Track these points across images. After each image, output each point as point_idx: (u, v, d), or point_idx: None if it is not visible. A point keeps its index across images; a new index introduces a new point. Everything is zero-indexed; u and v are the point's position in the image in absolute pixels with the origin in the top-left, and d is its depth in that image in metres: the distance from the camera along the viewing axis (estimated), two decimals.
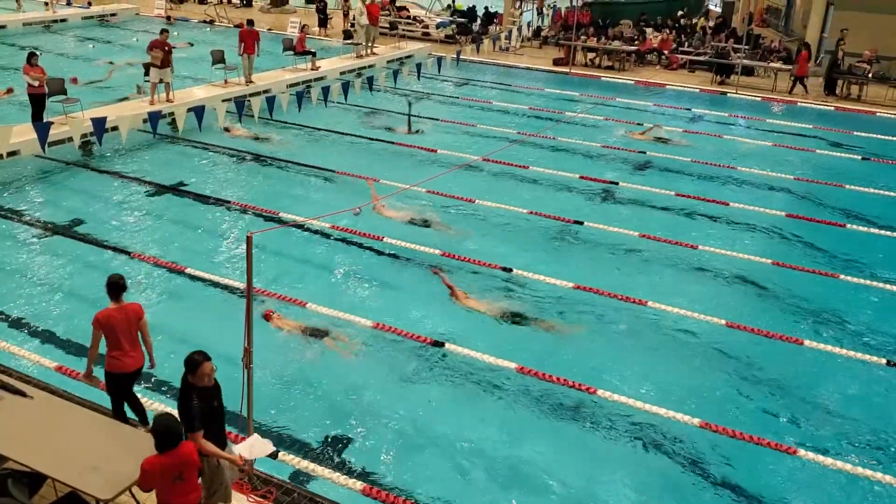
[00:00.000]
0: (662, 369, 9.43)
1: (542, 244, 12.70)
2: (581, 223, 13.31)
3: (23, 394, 6.85)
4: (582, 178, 15.55)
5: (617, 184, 15.32)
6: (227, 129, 17.05)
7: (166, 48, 17.72)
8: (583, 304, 10.75)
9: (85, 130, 15.17)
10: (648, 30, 27.73)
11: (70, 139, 15.19)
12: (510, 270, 11.49)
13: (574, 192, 15.03)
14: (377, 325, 9.88)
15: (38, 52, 16.65)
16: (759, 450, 7.97)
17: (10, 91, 19.33)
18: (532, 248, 12.54)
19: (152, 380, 8.63)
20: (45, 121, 15.15)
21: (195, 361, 6.02)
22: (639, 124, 19.40)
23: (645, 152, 17.42)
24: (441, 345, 9.55)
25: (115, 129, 15.44)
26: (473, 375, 9.08)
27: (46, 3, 32.02)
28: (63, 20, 30.22)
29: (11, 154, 14.86)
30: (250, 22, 20.63)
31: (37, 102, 15.80)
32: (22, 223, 12.59)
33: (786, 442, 8.08)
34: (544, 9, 32.32)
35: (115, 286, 7.01)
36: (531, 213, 13.64)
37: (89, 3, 32.65)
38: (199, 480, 5.90)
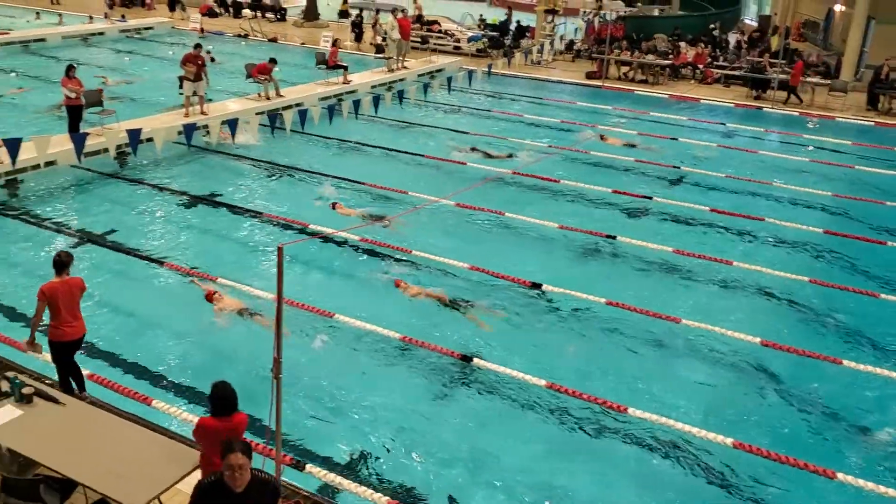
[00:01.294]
0: (695, 387, 9.27)
1: (573, 259, 12.58)
2: (613, 238, 13.17)
3: (56, 400, 6.89)
4: (615, 192, 15.41)
5: (651, 198, 15.17)
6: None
7: (199, 62, 17.94)
8: (614, 320, 10.60)
9: (120, 141, 15.36)
10: (683, 44, 27.53)
11: (106, 150, 15.38)
12: (539, 286, 11.38)
13: (606, 206, 14.90)
14: (405, 339, 9.83)
15: (75, 65, 16.92)
16: (795, 471, 7.77)
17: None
18: (563, 262, 12.42)
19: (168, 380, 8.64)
20: (81, 132, 15.36)
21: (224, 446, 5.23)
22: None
23: (679, 167, 17.24)
24: (469, 360, 9.47)
25: (149, 140, 15.61)
26: (503, 391, 8.97)
27: (92, 17, 32.71)
28: (101, 33, 30.74)
29: (49, 164, 15.08)
30: (273, 60, 20.75)
31: (74, 114, 16.05)
32: (57, 232, 12.75)
33: (822, 463, 7.87)
34: (581, 18, 32.23)
35: (58, 263, 7.63)
36: (562, 227, 13.52)
37: (124, 17, 33.25)
38: None
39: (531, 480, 7.62)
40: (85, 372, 8.73)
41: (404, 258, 12.21)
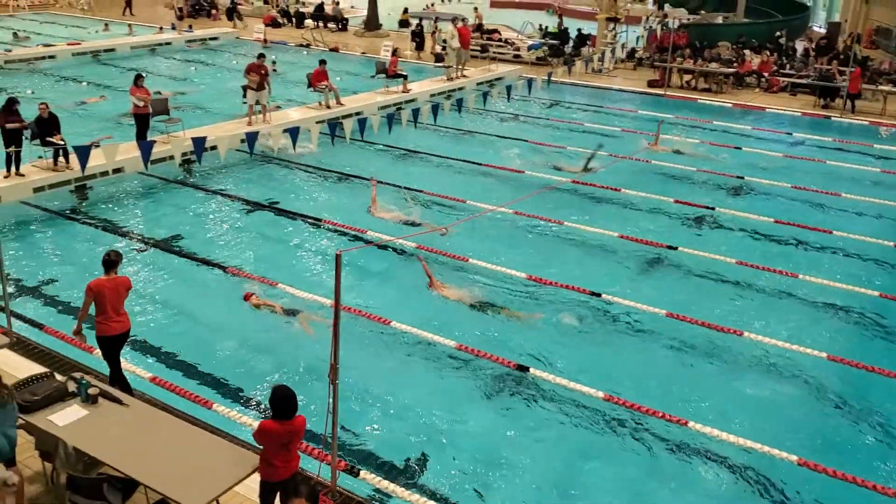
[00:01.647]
0: (758, 402, 9.02)
1: (633, 269, 12.40)
2: (674, 248, 12.94)
3: (119, 402, 7.05)
4: (676, 201, 15.15)
5: (713, 208, 14.87)
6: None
7: (263, 71, 18.28)
8: (675, 332, 10.40)
9: (186, 149, 15.70)
10: (747, 51, 26.98)
11: (171, 157, 15.75)
12: (598, 295, 11.24)
13: (668, 216, 14.66)
14: (460, 347, 9.80)
15: (144, 74, 17.39)
16: (863, 491, 7.49)
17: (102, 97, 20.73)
18: (622, 272, 12.25)
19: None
20: (148, 139, 15.76)
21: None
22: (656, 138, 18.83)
23: (743, 177, 16.87)
24: (526, 370, 9.39)
25: (213, 148, 15.93)
26: (560, 403, 8.88)
27: (162, 28, 33.71)
28: (168, 43, 31.57)
29: (117, 171, 15.51)
30: (323, 62, 21.01)
31: (141, 122, 16.49)
32: (123, 237, 13.09)
33: (891, 485, 7.57)
34: (643, 26, 31.90)
35: (107, 262, 8.01)
36: (622, 236, 13.35)
37: (191, 27, 34.12)
38: None
39: (583, 491, 7.50)
40: (146, 374, 8.96)
41: (461, 266, 12.20)
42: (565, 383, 9.10)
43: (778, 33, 29.19)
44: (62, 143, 14.73)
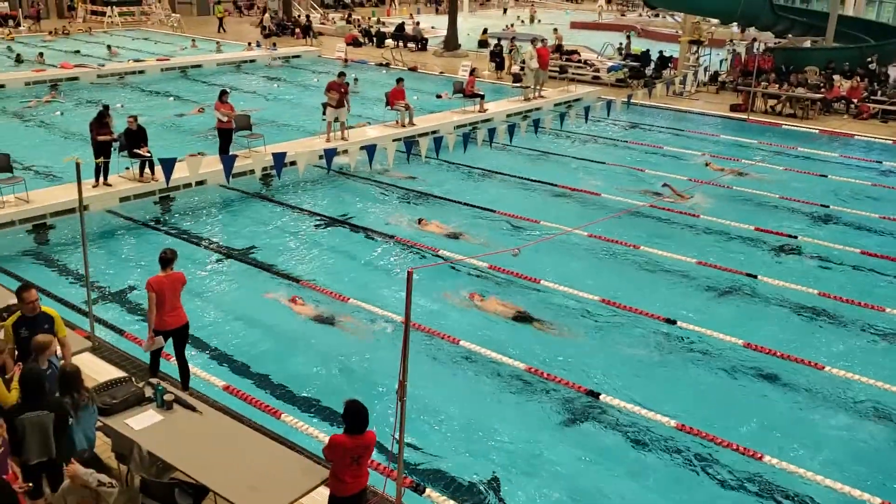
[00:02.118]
0: (837, 438, 8.66)
1: (711, 297, 12.08)
2: (754, 277, 12.56)
3: (193, 409, 7.19)
4: (757, 229, 14.71)
5: (795, 237, 14.39)
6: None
7: (342, 90, 18.62)
8: (752, 363, 10.07)
9: (266, 164, 16.04)
10: (837, 77, 26.15)
11: (252, 171, 16.13)
12: (673, 322, 10.98)
13: (748, 243, 14.25)
14: (530, 369, 9.69)
15: (228, 90, 17.89)
16: None
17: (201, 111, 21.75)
18: (699, 300, 11.95)
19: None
20: (230, 154, 16.18)
21: None
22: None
23: (828, 206, 16.30)
24: (596, 395, 9.22)
25: (293, 163, 16.23)
26: (630, 429, 8.67)
27: (251, 44, 34.95)
28: (252, 61, 32.47)
29: (199, 183, 15.97)
30: (400, 80, 21.27)
31: (224, 136, 16.96)
32: (202, 247, 13.44)
33: None
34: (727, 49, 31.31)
35: (164, 259, 8.41)
36: (699, 262, 13.03)
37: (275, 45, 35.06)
38: None
39: None
40: (220, 383, 9.12)
41: (533, 287, 12.10)
42: (637, 410, 8.90)
43: (869, 59, 28.20)
44: (148, 154, 15.24)
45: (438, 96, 23.67)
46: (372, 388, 9.11)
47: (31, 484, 6.05)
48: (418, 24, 39.48)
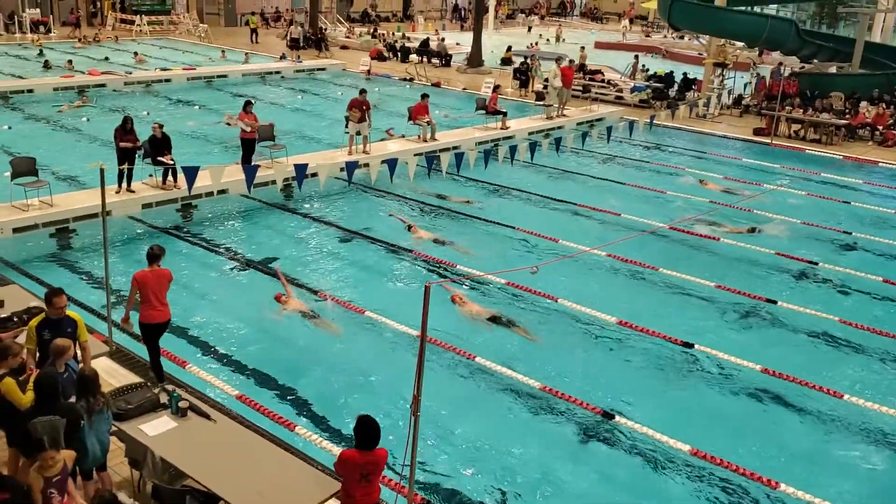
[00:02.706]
0: (856, 468, 8.54)
1: (729, 321, 11.98)
2: (774, 302, 12.44)
3: (207, 416, 7.21)
4: (778, 254, 14.59)
5: (817, 263, 14.25)
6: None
7: (364, 107, 18.77)
8: (770, 389, 9.96)
9: (287, 175, 16.10)
10: (863, 103, 25.96)
11: (273, 182, 16.22)
12: (691, 346, 10.89)
13: (768, 268, 14.13)
14: (545, 388, 9.63)
15: (252, 101, 18.03)
16: None
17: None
18: (717, 323, 11.85)
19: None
20: (253, 163, 16.28)
21: None
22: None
23: (850, 233, 16.14)
24: (611, 416, 9.15)
25: (314, 175, 16.29)
26: (644, 453, 8.60)
27: (283, 56, 35.37)
28: (277, 72, 32.74)
29: (221, 192, 16.08)
30: (425, 96, 21.39)
31: (247, 146, 17.09)
32: (222, 256, 13.51)
33: None
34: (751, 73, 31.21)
35: (151, 255, 8.58)
36: (719, 286, 12.93)
37: (300, 58, 35.36)
38: None
39: None
40: (233, 391, 9.15)
41: (549, 305, 12.05)
42: (651, 433, 8.82)
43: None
44: (172, 162, 15.37)
45: (388, 132, 22.77)
46: (386, 402, 9.10)
47: None
48: (443, 40, 39.66)
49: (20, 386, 6.40)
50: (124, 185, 15.17)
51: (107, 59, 33.26)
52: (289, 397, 9.35)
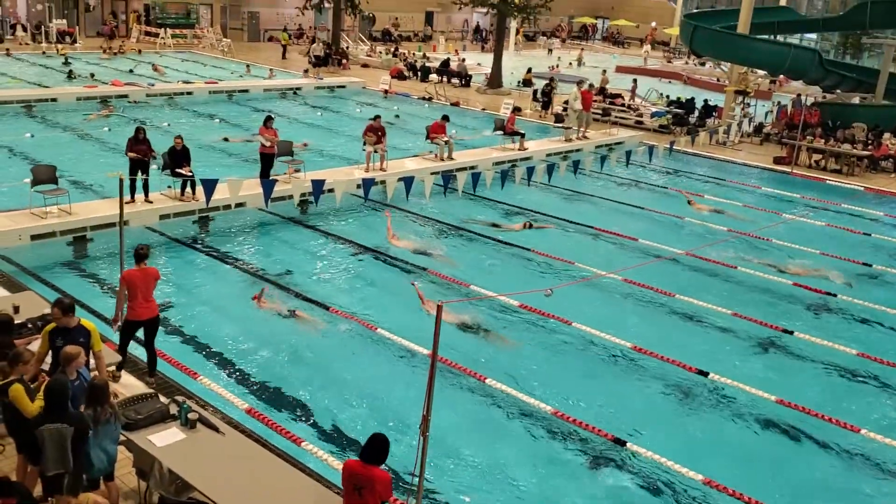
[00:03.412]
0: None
1: (745, 350, 11.85)
2: (791, 333, 12.29)
3: (216, 429, 7.17)
4: (796, 284, 14.44)
5: (835, 295, 14.08)
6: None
7: (379, 133, 18.94)
8: (784, 420, 9.82)
9: (304, 190, 16.17)
10: (886, 135, 25.78)
11: (290, 196, 16.26)
12: (706, 374, 10.76)
13: (785, 298, 13.98)
14: (556, 413, 9.53)
15: (273, 116, 18.13)
16: None
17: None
18: (733, 352, 11.72)
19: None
20: (271, 178, 16.34)
21: None
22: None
23: (870, 265, 15.96)
24: (623, 443, 9.03)
25: (330, 191, 16.33)
26: (656, 480, 8.47)
27: (306, 71, 35.83)
28: (298, 89, 32.96)
29: (239, 205, 16.14)
30: (445, 117, 21.54)
31: (266, 161, 17.16)
32: (238, 269, 13.52)
33: None
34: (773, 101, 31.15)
35: (138, 254, 8.95)
36: (734, 314, 12.79)
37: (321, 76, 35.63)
38: None
39: None
40: (243, 405, 9.11)
41: (563, 329, 11.96)
42: (663, 461, 8.69)
43: None
44: (190, 174, 15.44)
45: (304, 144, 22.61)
46: (395, 420, 9.03)
47: None
48: (463, 60, 39.84)
49: (29, 393, 6.39)
50: (140, 195, 15.21)
51: (132, 71, 33.61)
52: (298, 413, 9.31)
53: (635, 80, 35.24)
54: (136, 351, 9.96)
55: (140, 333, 9.12)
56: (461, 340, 11.32)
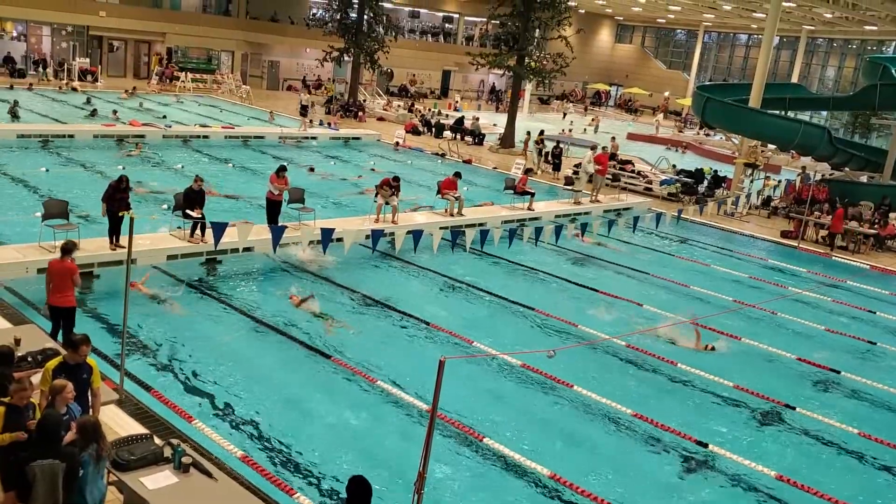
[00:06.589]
0: None
1: (745, 422, 11.73)
2: (792, 408, 12.18)
3: (209, 474, 7.10)
4: (799, 359, 14.35)
5: (839, 372, 13.98)
6: None
7: (392, 187, 19.20)
8: (784, 497, 9.67)
9: (314, 237, 16.27)
10: (892, 214, 25.91)
11: (298, 243, 16.35)
12: (705, 445, 10.64)
13: (788, 372, 13.89)
14: (553, 476, 9.41)
15: (286, 166, 18.33)
16: None
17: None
18: (733, 424, 11.60)
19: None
20: (279, 224, 16.46)
21: None
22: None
23: (875, 343, 15.88)
24: None
25: (339, 240, 16.42)
26: None
27: (329, 125, 36.30)
28: (313, 138, 33.38)
29: (247, 249, 16.22)
30: (458, 174, 21.84)
31: (273, 208, 17.33)
32: (239, 313, 13.52)
33: None
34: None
35: (64, 248, 10.23)
36: (736, 386, 12.70)
37: (336, 126, 36.03)
38: None
39: None
40: (238, 452, 9.02)
41: (565, 392, 11.88)
42: None
43: None
44: (201, 216, 15.56)
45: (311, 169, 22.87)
46: (390, 476, 8.93)
47: None
48: (477, 119, 40.39)
49: (13, 422, 6.35)
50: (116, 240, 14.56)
51: (151, 111, 34.15)
52: (292, 462, 9.21)
53: (613, 138, 35.68)
54: (134, 391, 9.94)
55: None
56: (462, 396, 11.23)
